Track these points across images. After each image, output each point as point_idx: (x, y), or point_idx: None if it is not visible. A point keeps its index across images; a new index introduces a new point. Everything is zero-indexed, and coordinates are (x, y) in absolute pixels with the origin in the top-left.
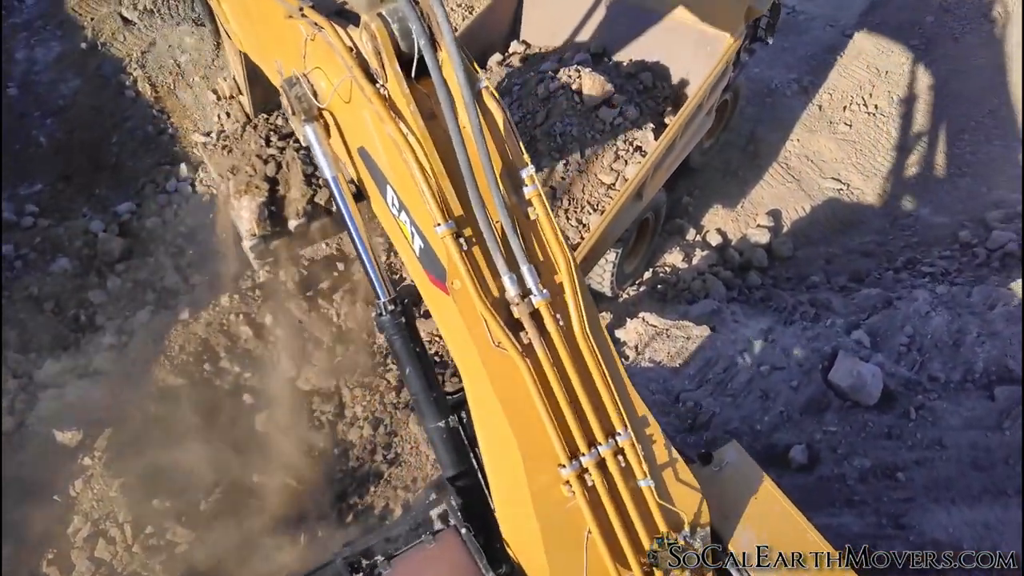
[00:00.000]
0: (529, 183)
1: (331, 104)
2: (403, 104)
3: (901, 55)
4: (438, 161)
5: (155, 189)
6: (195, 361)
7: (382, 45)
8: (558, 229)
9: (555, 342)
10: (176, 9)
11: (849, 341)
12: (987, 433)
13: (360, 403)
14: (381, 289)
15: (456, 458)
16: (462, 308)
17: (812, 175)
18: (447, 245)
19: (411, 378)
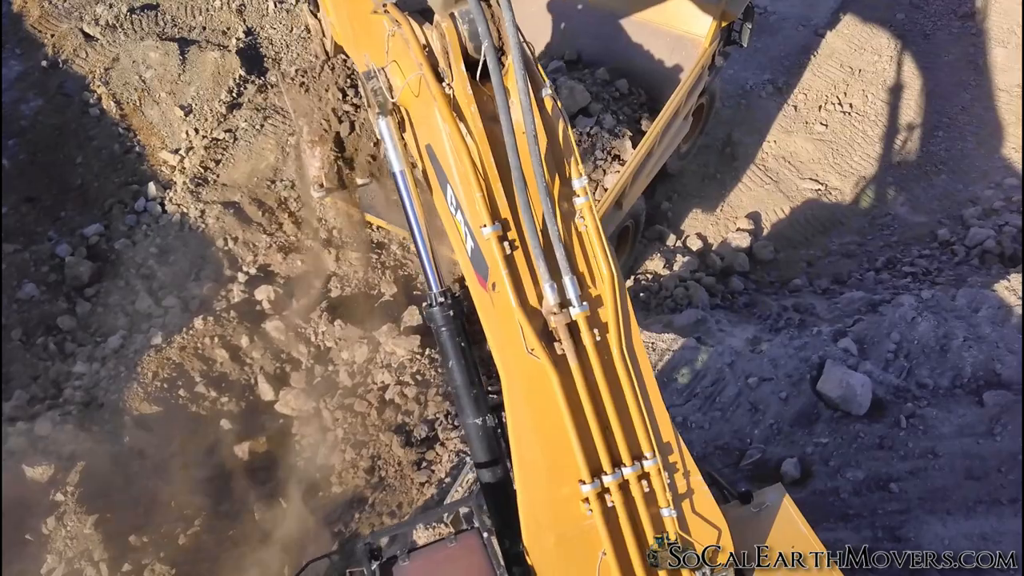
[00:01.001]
0: (581, 194)
1: (404, 100)
2: (465, 104)
3: (873, 53)
4: (492, 163)
5: (123, 210)
6: (170, 387)
7: (450, 45)
8: (607, 243)
9: (590, 357)
10: (139, 23)
11: (836, 350)
12: (979, 440)
13: (341, 426)
14: (434, 279)
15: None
16: (500, 311)
17: (790, 176)
18: (491, 246)
19: (454, 372)
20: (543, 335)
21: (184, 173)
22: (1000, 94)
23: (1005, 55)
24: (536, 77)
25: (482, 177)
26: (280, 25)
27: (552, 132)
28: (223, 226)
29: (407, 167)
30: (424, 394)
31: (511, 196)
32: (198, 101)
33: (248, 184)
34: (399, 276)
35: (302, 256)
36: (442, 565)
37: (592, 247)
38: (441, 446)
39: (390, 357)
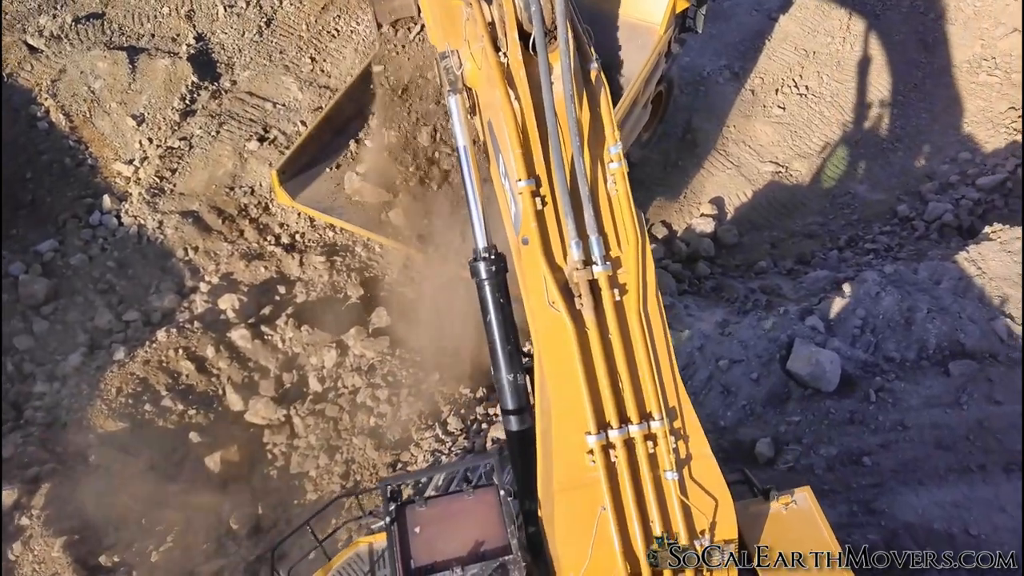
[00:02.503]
0: (616, 160)
1: (473, 80)
2: (515, 68)
3: (826, 35)
4: (534, 124)
5: (78, 224)
6: (135, 402)
7: (506, 15)
8: (635, 208)
9: (607, 316)
10: (85, 33)
11: (804, 328)
12: (946, 410)
13: (313, 432)
14: (481, 235)
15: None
16: (527, 263)
17: (751, 160)
18: (523, 200)
19: (490, 326)
20: (565, 290)
21: (139, 184)
22: (950, 70)
23: (953, 32)
24: (584, 51)
25: (522, 135)
26: (231, 30)
27: (593, 100)
28: (182, 236)
29: (469, 143)
30: (396, 395)
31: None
32: (150, 110)
33: (206, 192)
34: (365, 278)
35: (265, 263)
36: (456, 515)
37: (621, 210)
38: (416, 447)
39: (360, 360)
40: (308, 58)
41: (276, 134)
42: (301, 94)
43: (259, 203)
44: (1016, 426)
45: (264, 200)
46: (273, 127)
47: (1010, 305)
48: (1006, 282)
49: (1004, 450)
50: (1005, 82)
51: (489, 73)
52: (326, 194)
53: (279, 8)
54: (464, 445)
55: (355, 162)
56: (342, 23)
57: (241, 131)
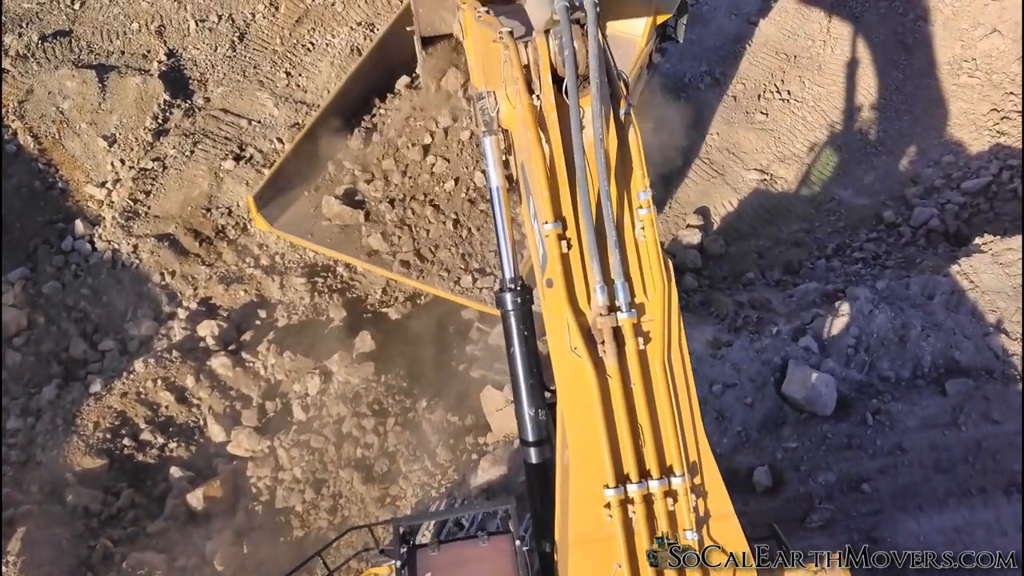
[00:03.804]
0: (644, 206)
1: (508, 122)
2: (547, 112)
3: (807, 38)
4: (563, 167)
5: (49, 250)
6: (113, 437)
7: (541, 59)
8: (664, 256)
9: (630, 364)
10: (53, 52)
11: (798, 349)
12: (944, 431)
13: (298, 464)
14: (509, 266)
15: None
16: (551, 305)
17: (735, 168)
18: (549, 242)
19: (514, 358)
20: (588, 336)
21: (113, 207)
22: (931, 72)
23: (932, 33)
24: (617, 95)
25: (552, 179)
26: (204, 45)
27: (624, 144)
28: (158, 260)
29: (502, 183)
30: (382, 424)
31: (576, 198)
32: (122, 130)
33: (182, 214)
34: (347, 299)
35: (244, 286)
36: (469, 562)
37: (648, 256)
38: (404, 479)
39: (344, 387)
40: (283, 73)
41: (252, 152)
42: (277, 110)
43: (237, 224)
44: (1015, 445)
45: (242, 221)
46: (249, 145)
47: (1004, 319)
48: (999, 295)
49: (1003, 471)
50: (986, 83)
51: (522, 115)
52: (305, 218)
53: (252, 22)
54: (454, 478)
55: (333, 184)
56: (317, 36)
57: (216, 150)
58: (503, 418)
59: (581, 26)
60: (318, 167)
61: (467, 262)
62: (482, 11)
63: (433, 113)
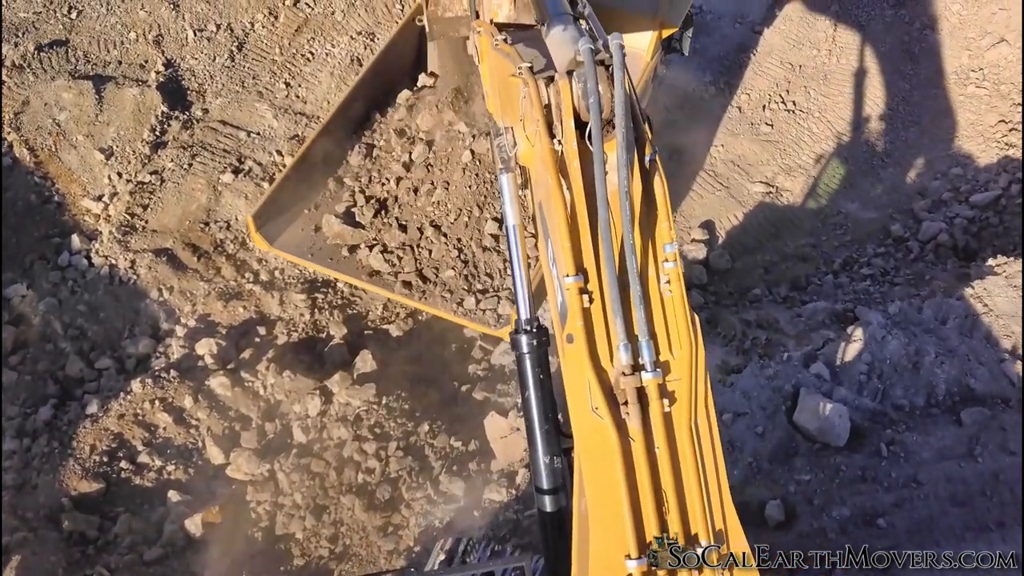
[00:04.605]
0: (671, 259)
1: (526, 159)
2: (569, 159)
3: (812, 47)
4: (585, 217)
5: (46, 266)
6: (110, 460)
7: (563, 102)
8: (692, 313)
9: (654, 426)
10: (49, 62)
11: (809, 376)
12: (960, 463)
13: (299, 490)
14: (525, 307)
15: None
16: (570, 362)
17: (740, 180)
18: (570, 296)
19: (528, 403)
20: (610, 395)
21: (110, 221)
22: (937, 82)
23: (939, 42)
24: (643, 141)
25: (573, 229)
26: (202, 55)
27: (649, 192)
28: (156, 276)
29: (519, 222)
30: (384, 449)
31: (598, 250)
32: (119, 142)
33: (180, 228)
34: (347, 316)
35: (244, 302)
36: None
37: (675, 313)
38: (407, 508)
39: (345, 409)
40: (282, 83)
41: (251, 165)
42: (276, 122)
43: (236, 238)
44: None
45: (240, 235)
46: (248, 157)
47: (1019, 344)
48: (1014, 319)
49: (1020, 504)
50: (994, 94)
51: (543, 159)
52: (305, 237)
53: (251, 31)
54: (460, 505)
55: (334, 202)
56: (316, 46)
57: (215, 162)
58: (508, 446)
59: (606, 68)
60: (318, 185)
61: (470, 283)
62: (499, 39)
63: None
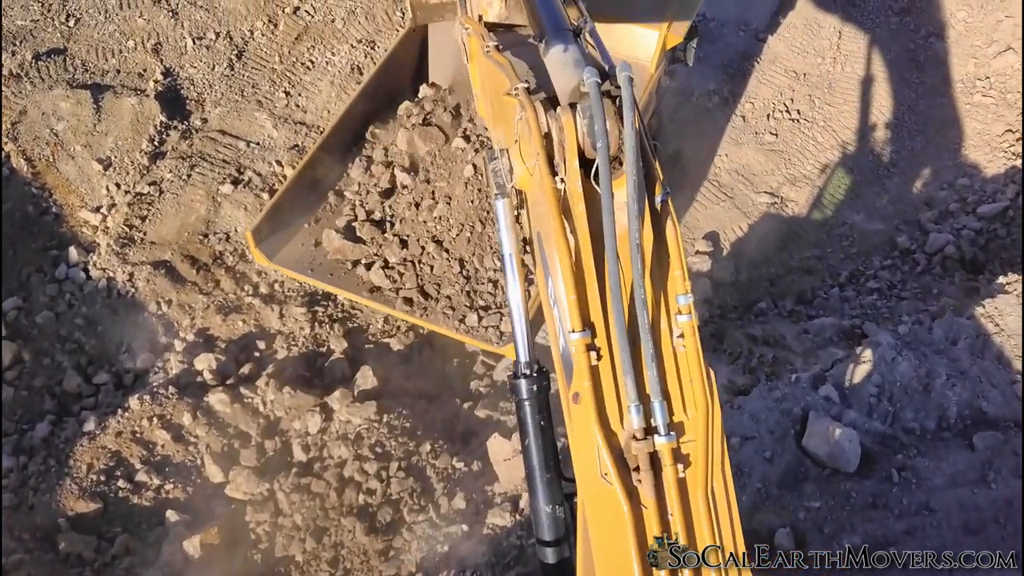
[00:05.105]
0: (685, 312)
1: (523, 182)
2: (574, 202)
3: (816, 55)
4: (592, 267)
5: (43, 279)
6: (108, 479)
7: (566, 139)
8: (707, 369)
9: (668, 493)
10: (47, 71)
11: (818, 399)
12: (973, 490)
13: (298, 511)
14: (524, 350)
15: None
16: (578, 424)
17: (745, 191)
18: (577, 353)
19: (529, 450)
20: (620, 459)
21: (108, 233)
22: (943, 90)
23: (945, 50)
24: (653, 179)
25: (579, 280)
26: (201, 63)
27: (660, 240)
28: (155, 289)
29: (515, 250)
30: (385, 469)
31: (606, 303)
32: (117, 153)
33: (179, 240)
34: (348, 329)
35: (243, 316)
36: None
37: (689, 370)
38: (408, 531)
39: (345, 426)
40: (282, 92)
41: (251, 175)
42: (276, 131)
43: (235, 250)
44: None
45: (240, 247)
46: (247, 168)
47: None
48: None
49: None
50: (1000, 103)
51: (544, 199)
52: (305, 252)
53: (250, 39)
54: (463, 529)
55: (334, 216)
56: (316, 54)
57: (214, 173)
58: (511, 468)
59: (613, 99)
60: (318, 198)
61: (472, 299)
62: (491, 45)
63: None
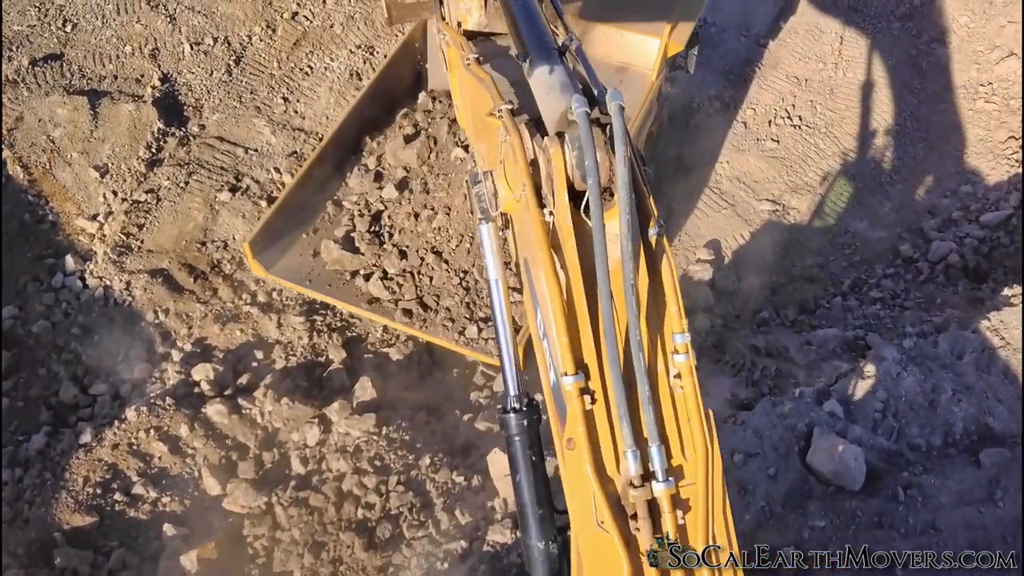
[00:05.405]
0: (682, 351)
1: (507, 206)
2: (564, 236)
3: (818, 61)
4: (584, 306)
5: (39, 288)
6: (104, 492)
7: (555, 171)
8: (706, 410)
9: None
10: (43, 76)
11: (823, 415)
12: (980, 508)
13: (297, 525)
14: (513, 383)
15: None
16: (572, 471)
17: (746, 198)
18: (570, 398)
19: (520, 487)
20: (618, 506)
21: (104, 241)
22: (946, 96)
23: (947, 55)
24: (647, 211)
25: (571, 320)
26: (199, 69)
27: (655, 276)
28: (152, 297)
29: (502, 276)
30: (384, 483)
31: (600, 344)
32: (114, 160)
33: (176, 248)
34: (347, 338)
35: (241, 325)
36: None
37: (687, 411)
38: (408, 547)
39: (344, 439)
40: (280, 98)
41: (249, 183)
42: (274, 138)
43: (233, 258)
44: None
45: (237, 255)
46: (245, 175)
47: None
48: None
49: None
50: (1004, 109)
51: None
52: (303, 263)
53: (248, 45)
54: (462, 546)
55: (333, 226)
56: (315, 59)
57: (211, 180)
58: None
59: (603, 127)
60: (317, 208)
61: (472, 311)
62: (471, 58)
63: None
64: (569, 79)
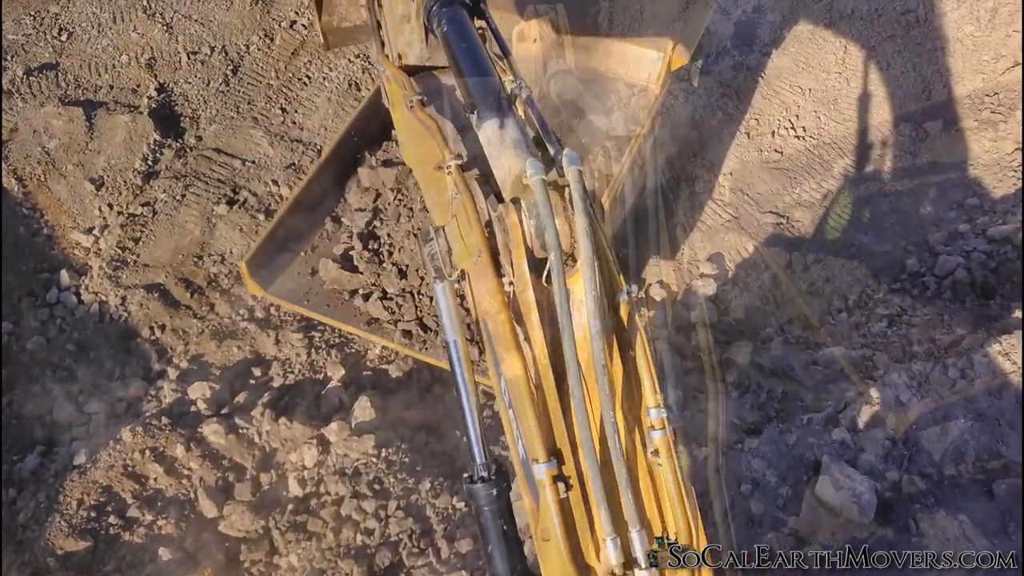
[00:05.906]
0: (659, 427)
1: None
2: (526, 311)
3: (821, 70)
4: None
5: (34, 303)
6: (98, 515)
7: (513, 242)
8: (687, 487)
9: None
10: (38, 87)
11: (832, 443)
12: (993, 541)
13: (294, 551)
14: (479, 451)
15: None
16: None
17: (750, 210)
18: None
19: (493, 558)
20: None
21: (100, 256)
22: (951, 107)
23: (952, 65)
24: (614, 278)
25: (539, 401)
26: (196, 79)
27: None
28: (148, 313)
29: (460, 336)
30: (384, 508)
31: (571, 427)
32: (110, 172)
33: (172, 263)
34: (345, 355)
35: (238, 341)
36: None
37: (667, 490)
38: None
39: (343, 460)
40: (278, 109)
41: (246, 195)
42: (272, 149)
43: (230, 272)
44: None
45: (235, 269)
46: (243, 187)
47: None
48: None
49: None
50: (1010, 120)
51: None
52: (301, 282)
53: (246, 54)
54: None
55: (331, 244)
56: (313, 69)
57: (208, 193)
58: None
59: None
60: (315, 226)
61: (471, 332)
62: (414, 99)
63: None
64: (521, 134)
